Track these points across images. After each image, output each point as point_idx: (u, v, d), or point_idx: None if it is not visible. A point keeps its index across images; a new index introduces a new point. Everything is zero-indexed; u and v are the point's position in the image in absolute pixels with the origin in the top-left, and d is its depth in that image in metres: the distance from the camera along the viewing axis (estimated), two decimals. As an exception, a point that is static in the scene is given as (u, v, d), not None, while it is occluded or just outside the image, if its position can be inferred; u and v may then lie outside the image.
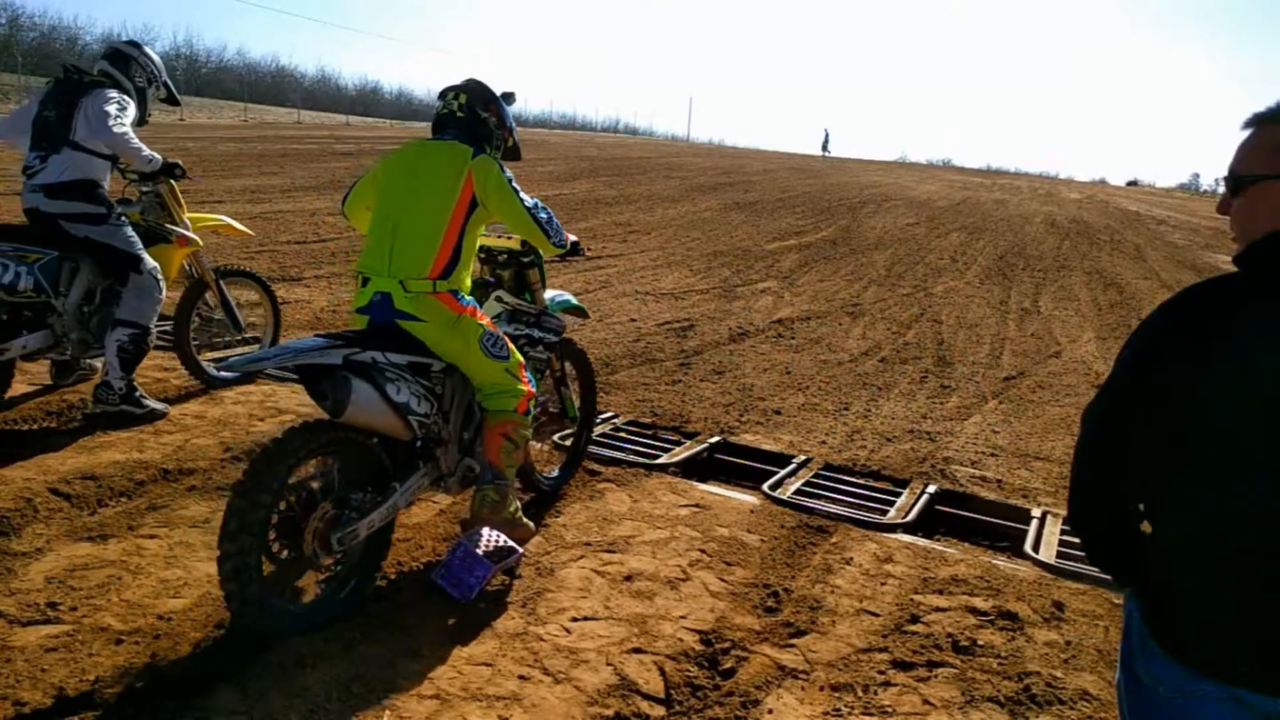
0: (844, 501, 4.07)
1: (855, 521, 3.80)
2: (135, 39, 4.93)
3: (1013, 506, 4.18)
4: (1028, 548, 3.69)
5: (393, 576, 2.97)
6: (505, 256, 3.46)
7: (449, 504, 3.53)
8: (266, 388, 4.84)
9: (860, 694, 2.58)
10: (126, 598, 2.70)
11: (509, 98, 3.16)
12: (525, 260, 3.45)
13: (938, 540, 3.78)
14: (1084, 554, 1.53)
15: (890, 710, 2.51)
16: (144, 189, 4.40)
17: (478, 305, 2.98)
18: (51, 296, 3.92)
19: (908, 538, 3.71)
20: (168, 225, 4.43)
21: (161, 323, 4.31)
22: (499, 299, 3.36)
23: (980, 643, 2.87)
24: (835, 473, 4.46)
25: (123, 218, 4.12)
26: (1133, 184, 55.50)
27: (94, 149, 3.97)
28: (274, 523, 2.48)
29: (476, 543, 2.89)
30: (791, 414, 5.41)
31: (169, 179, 4.36)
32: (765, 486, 4.09)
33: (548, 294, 3.61)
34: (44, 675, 2.30)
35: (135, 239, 4.12)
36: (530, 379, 3.10)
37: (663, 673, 2.59)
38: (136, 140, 4.00)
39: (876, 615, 3.02)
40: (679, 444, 4.65)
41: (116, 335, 4.04)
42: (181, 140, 18.53)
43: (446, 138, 2.99)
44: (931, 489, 4.25)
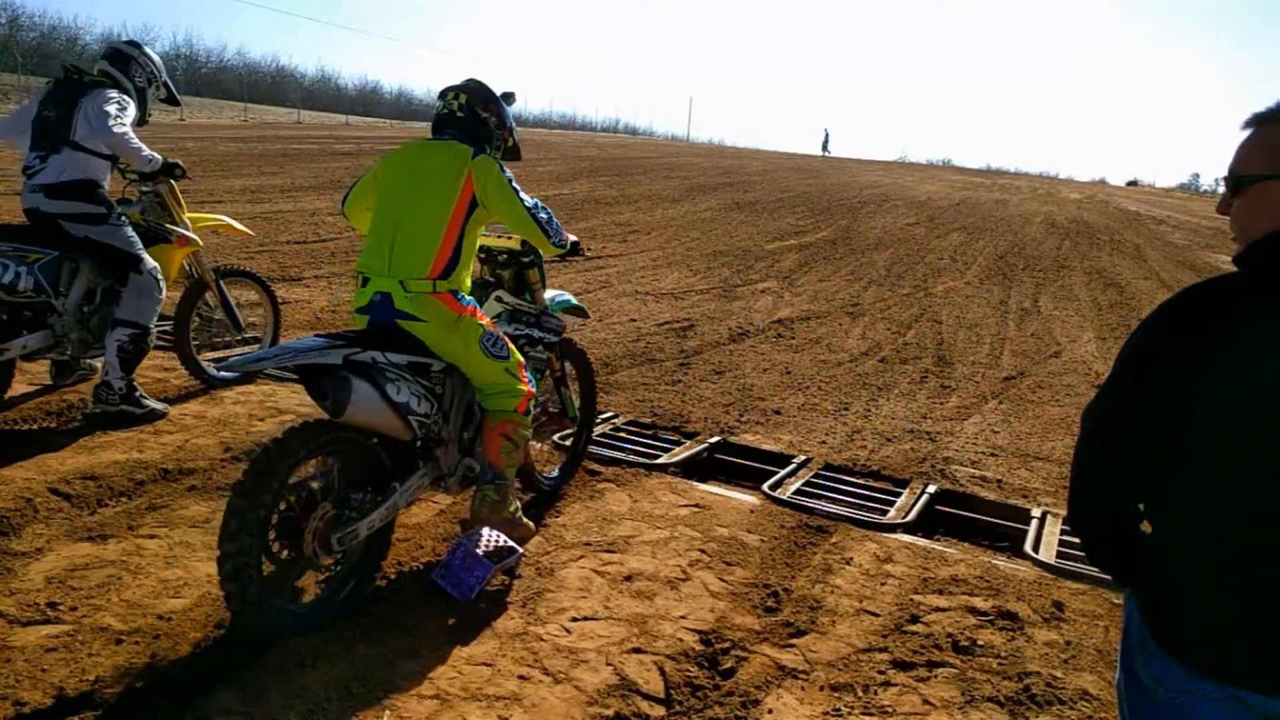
0: (844, 501, 4.07)
1: (855, 521, 3.80)
2: (135, 39, 4.92)
3: (1013, 506, 4.18)
4: (1028, 548, 3.69)
5: (393, 576, 2.97)
6: (505, 256, 3.46)
7: (449, 504, 3.53)
8: (266, 388, 4.84)
9: (860, 694, 2.58)
10: (126, 598, 2.70)
11: (509, 98, 3.16)
12: (525, 260, 3.46)
13: (938, 540, 3.78)
14: (1084, 554, 1.53)
15: (890, 710, 2.51)
16: (144, 189, 4.40)
17: (478, 305, 2.98)
18: (51, 296, 3.92)
19: (908, 538, 3.71)
20: (168, 225, 4.43)
21: (161, 323, 4.31)
22: (499, 299, 3.36)
23: (980, 643, 2.87)
24: (835, 473, 4.46)
25: (123, 218, 4.12)
26: (1133, 184, 55.51)
27: (94, 149, 3.97)
28: (274, 523, 2.48)
29: (476, 543, 2.89)
30: (791, 414, 5.41)
31: (169, 179, 4.36)
32: (765, 486, 4.10)
33: (548, 294, 3.61)
34: (44, 675, 2.30)
35: (135, 239, 4.12)
36: (530, 379, 3.10)
37: (663, 673, 2.59)
38: (136, 140, 4.00)
39: (876, 615, 3.02)
40: (679, 444, 4.65)
41: (116, 335, 4.04)
42: (181, 140, 18.53)
43: (446, 138, 2.99)
44: (931, 489, 4.25)
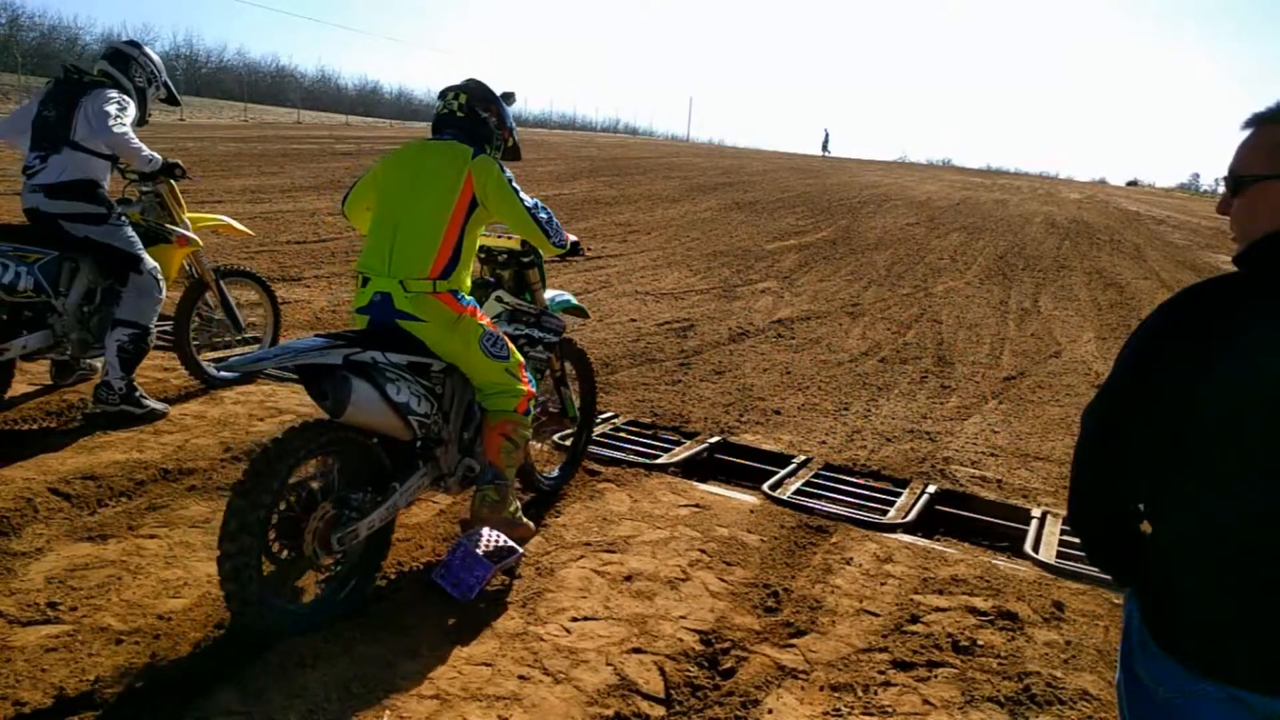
0: (844, 501, 4.07)
1: (855, 521, 3.80)
2: (135, 39, 4.93)
3: (1013, 506, 4.18)
4: (1028, 548, 3.69)
5: (393, 576, 2.97)
6: (505, 256, 3.46)
7: (449, 504, 3.53)
8: (266, 388, 4.84)
9: (860, 694, 2.58)
10: (126, 598, 2.70)
11: (509, 98, 3.16)
12: (525, 260, 3.46)
13: (938, 540, 3.78)
14: (1084, 554, 1.53)
15: (890, 710, 2.51)
16: (144, 189, 4.40)
17: (478, 305, 2.98)
18: (52, 296, 3.92)
19: (908, 538, 3.71)
20: (168, 225, 4.43)
21: (161, 323, 4.31)
22: (499, 299, 3.36)
23: (980, 643, 2.87)
24: (835, 473, 4.46)
25: (123, 218, 4.12)
26: (1132, 184, 55.52)
27: (94, 149, 3.97)
28: (274, 523, 2.48)
29: (476, 543, 2.89)
30: (791, 414, 5.41)
31: (169, 179, 4.36)
32: (765, 486, 4.10)
33: (548, 294, 3.61)
34: (44, 675, 2.30)
35: (135, 239, 4.12)
36: (530, 379, 3.11)
37: (663, 673, 2.59)
38: (136, 140, 4.00)
39: (876, 615, 3.02)
40: (679, 444, 4.65)
41: (117, 335, 4.04)
42: (181, 140, 18.53)
43: (446, 138, 2.99)
44: (931, 489, 4.25)
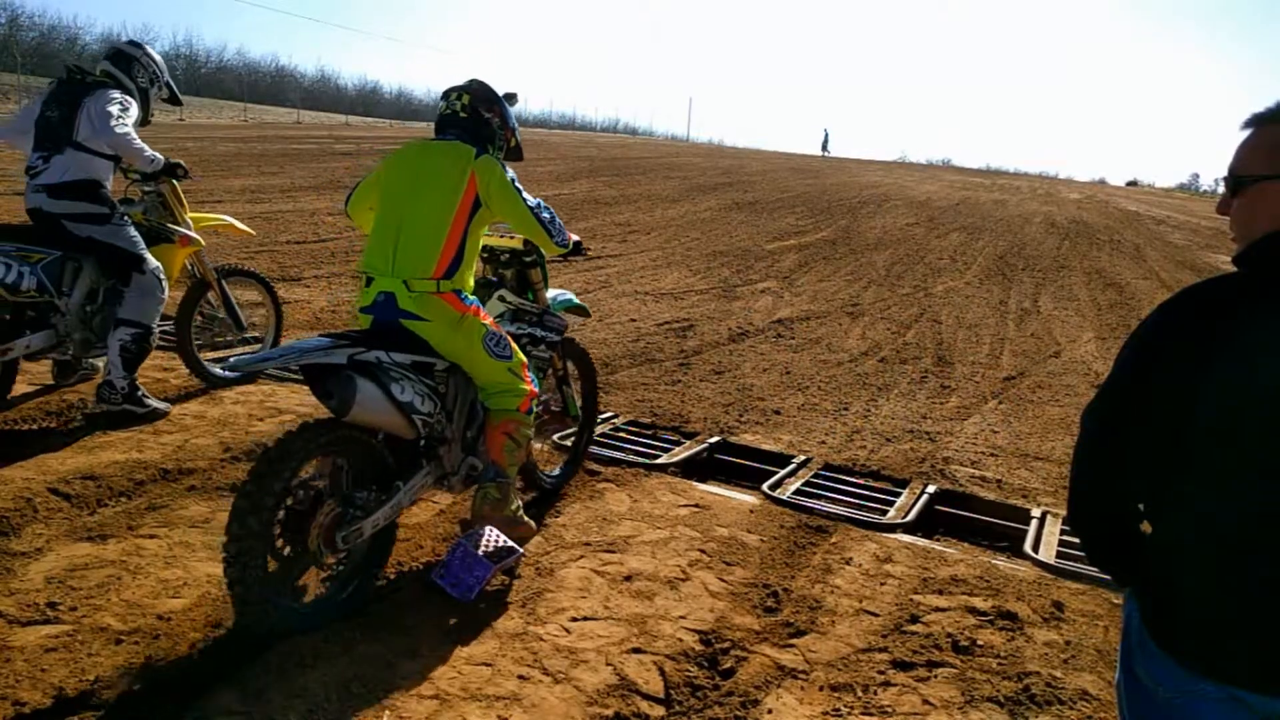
0: (844, 501, 4.07)
1: (855, 521, 3.80)
2: (136, 39, 4.93)
3: (1012, 506, 4.18)
4: (1027, 548, 3.69)
5: (392, 576, 2.97)
6: (508, 256, 3.47)
7: (449, 504, 3.53)
8: (266, 388, 4.85)
9: (860, 694, 2.58)
10: (126, 598, 2.70)
11: (512, 98, 3.17)
12: (528, 260, 3.46)
13: (937, 540, 3.78)
14: (1083, 554, 1.53)
15: (890, 710, 2.51)
16: (146, 189, 4.41)
17: (481, 305, 2.98)
18: (55, 296, 3.93)
19: (907, 538, 3.71)
20: (170, 225, 4.44)
21: (163, 322, 4.31)
22: (502, 298, 3.37)
23: (980, 643, 2.87)
24: (835, 473, 4.46)
25: (125, 217, 4.13)
26: (1132, 184, 55.51)
27: (97, 149, 3.98)
28: (279, 521, 2.48)
29: (476, 543, 2.89)
30: (791, 414, 5.41)
31: (171, 179, 4.37)
32: (765, 486, 4.10)
33: (550, 293, 3.62)
34: (44, 675, 2.30)
35: (138, 239, 4.13)
36: (533, 379, 3.11)
37: (662, 673, 2.59)
38: (139, 141, 4.01)
39: (876, 615, 3.02)
40: (679, 444, 4.65)
41: (119, 335, 4.05)
42: (181, 140, 18.53)
43: (449, 138, 2.99)
44: (931, 489, 4.25)
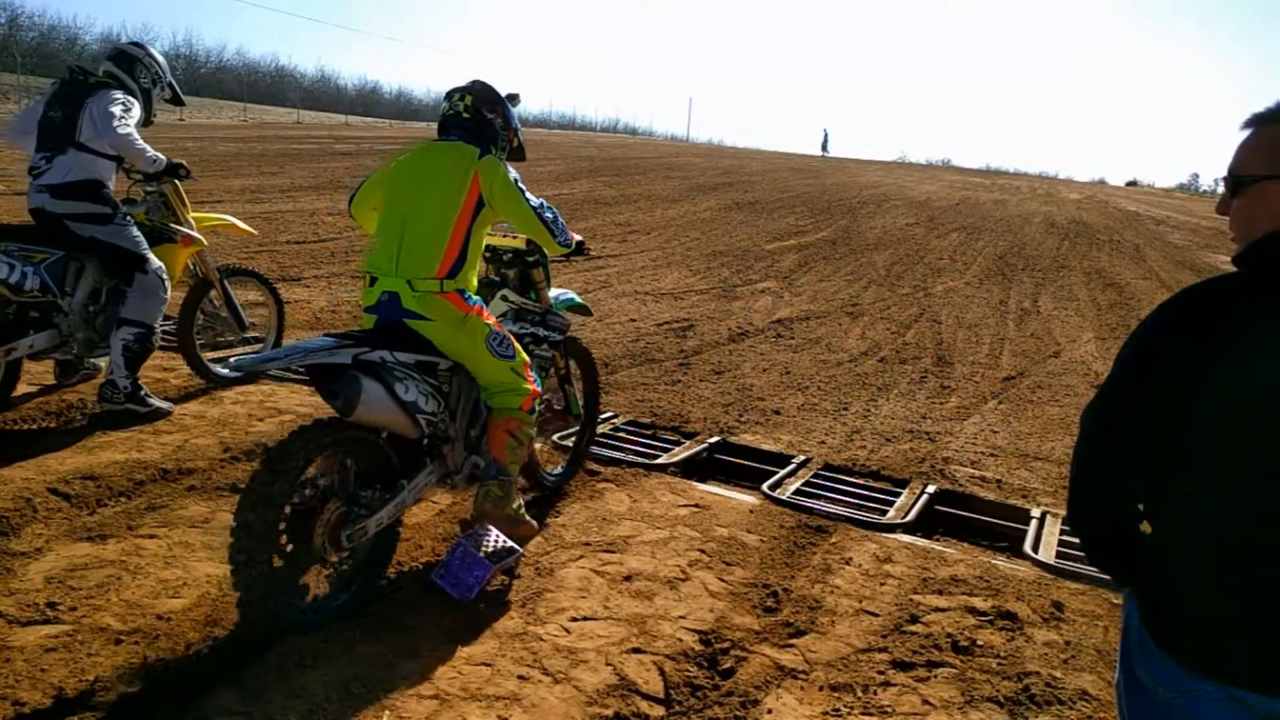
0: (843, 501, 4.07)
1: (855, 521, 3.80)
2: (137, 39, 4.93)
3: (1012, 506, 4.18)
4: (1027, 548, 3.69)
5: (393, 576, 2.97)
6: (511, 256, 3.48)
7: (449, 504, 3.54)
8: (266, 388, 4.85)
9: (860, 694, 2.58)
10: (126, 598, 2.70)
11: (514, 99, 3.18)
12: (530, 259, 3.47)
13: (937, 540, 3.78)
14: (1083, 554, 1.53)
15: (890, 710, 2.51)
16: (149, 189, 4.41)
17: (484, 305, 2.99)
18: (57, 296, 3.93)
19: (907, 538, 3.71)
20: (172, 225, 4.45)
21: (165, 322, 4.32)
22: (505, 298, 3.37)
23: (980, 643, 2.87)
24: (835, 473, 4.47)
25: (128, 217, 4.13)
26: (1132, 184, 55.51)
27: (99, 150, 3.99)
28: (285, 519, 2.49)
29: (476, 543, 2.90)
30: (791, 414, 5.41)
31: (173, 179, 4.37)
32: (765, 486, 4.10)
33: (552, 293, 3.62)
34: (43, 675, 2.30)
35: (140, 239, 4.14)
36: (536, 378, 3.12)
37: (662, 673, 2.59)
38: (141, 141, 4.02)
39: (876, 615, 3.02)
40: (678, 444, 4.65)
41: (122, 334, 4.05)
42: (181, 140, 18.52)
43: (452, 139, 3.00)
44: (931, 489, 4.25)
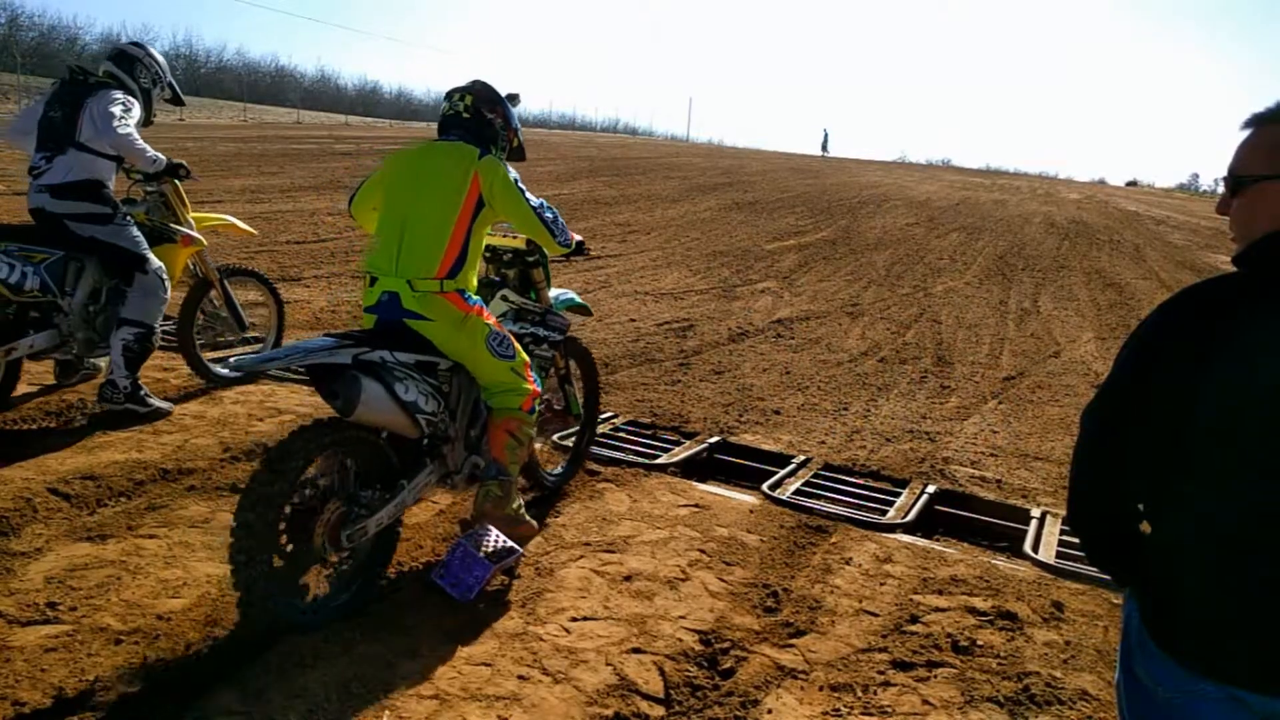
0: (843, 501, 4.07)
1: (854, 521, 3.80)
2: (137, 39, 4.93)
3: (1012, 506, 4.18)
4: (1027, 548, 3.69)
5: (393, 576, 2.97)
6: (511, 256, 3.48)
7: (449, 504, 3.54)
8: (266, 388, 4.85)
9: (860, 694, 2.58)
10: (126, 598, 2.70)
11: (514, 99, 3.18)
12: (530, 260, 3.48)
13: (937, 540, 3.78)
14: (1083, 554, 1.53)
15: (890, 710, 2.51)
16: (149, 189, 4.41)
17: (484, 305, 2.99)
18: (58, 296, 3.93)
19: (907, 538, 3.71)
20: (172, 225, 4.45)
21: (164, 322, 4.32)
22: (505, 298, 3.37)
23: (980, 643, 2.87)
24: (835, 473, 4.47)
25: (128, 218, 4.13)
26: (1132, 184, 55.49)
27: (99, 150, 3.99)
28: (285, 519, 2.49)
29: (476, 543, 2.90)
30: (791, 414, 5.41)
31: (173, 179, 4.37)
32: (765, 486, 4.10)
33: (552, 292, 3.62)
34: (43, 675, 2.30)
35: (140, 239, 4.14)
36: (536, 378, 3.12)
37: (662, 673, 2.59)
38: (141, 141, 4.02)
39: (876, 615, 3.02)
40: (678, 444, 4.65)
41: (122, 334, 4.05)
42: (181, 140, 18.52)
43: (452, 139, 3.00)
44: (931, 489, 4.25)
